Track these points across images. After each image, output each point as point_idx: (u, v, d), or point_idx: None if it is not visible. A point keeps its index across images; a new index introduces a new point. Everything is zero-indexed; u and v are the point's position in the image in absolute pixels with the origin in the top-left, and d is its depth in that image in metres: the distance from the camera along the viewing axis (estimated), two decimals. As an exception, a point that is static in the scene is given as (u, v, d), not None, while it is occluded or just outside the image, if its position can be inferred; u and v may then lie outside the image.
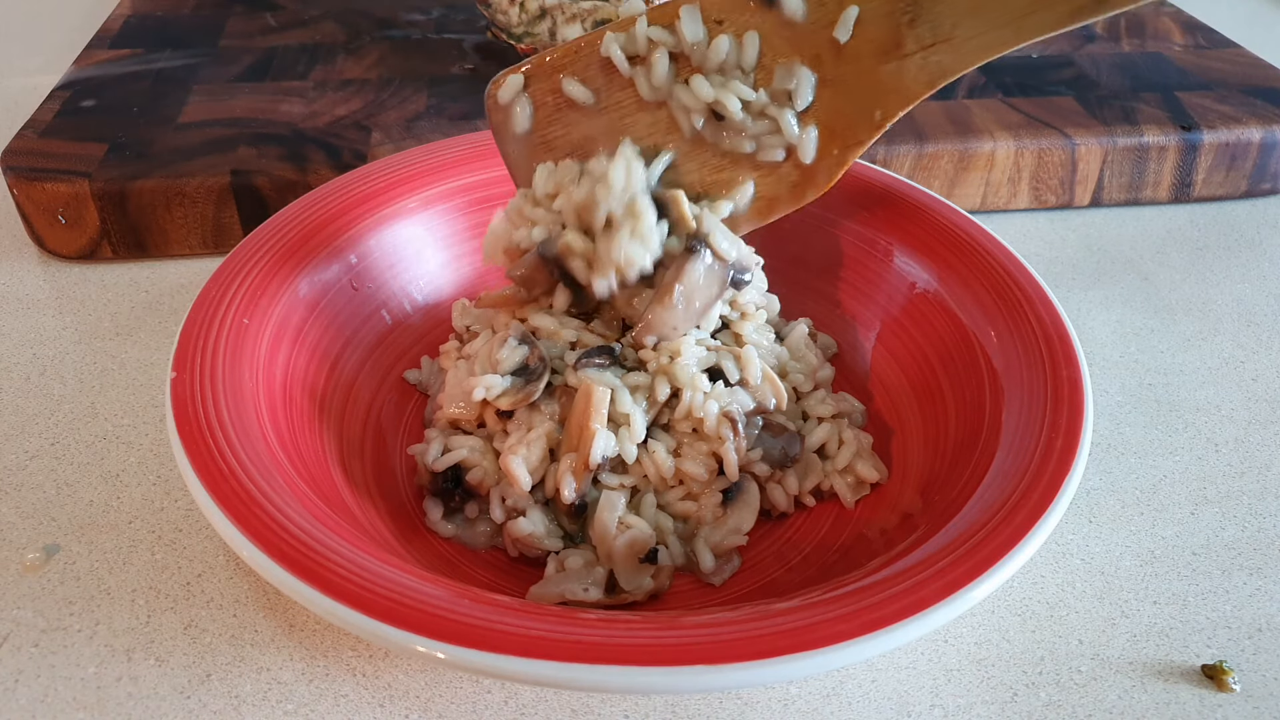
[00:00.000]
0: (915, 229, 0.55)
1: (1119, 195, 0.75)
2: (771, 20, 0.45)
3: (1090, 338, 0.62)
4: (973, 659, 0.43)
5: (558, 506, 0.46)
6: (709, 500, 0.46)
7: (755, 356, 0.47)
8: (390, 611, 0.33)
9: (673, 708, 0.41)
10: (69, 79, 0.76)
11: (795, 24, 0.44)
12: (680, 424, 0.46)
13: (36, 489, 0.50)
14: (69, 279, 0.65)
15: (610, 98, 0.47)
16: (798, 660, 0.32)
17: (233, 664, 0.42)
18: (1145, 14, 0.93)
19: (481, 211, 0.59)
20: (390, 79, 0.78)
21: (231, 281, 0.48)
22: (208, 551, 0.47)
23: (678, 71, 0.46)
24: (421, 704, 0.41)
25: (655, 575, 0.43)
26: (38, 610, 0.44)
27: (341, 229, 0.53)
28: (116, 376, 0.57)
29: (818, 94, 0.45)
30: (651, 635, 0.33)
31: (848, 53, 0.44)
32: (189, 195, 0.65)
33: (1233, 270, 0.69)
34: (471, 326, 0.52)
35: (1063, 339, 0.46)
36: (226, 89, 0.76)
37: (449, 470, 0.47)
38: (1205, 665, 0.43)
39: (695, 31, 0.45)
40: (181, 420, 0.40)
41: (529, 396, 0.46)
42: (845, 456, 0.48)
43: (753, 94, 0.45)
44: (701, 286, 0.46)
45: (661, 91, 0.46)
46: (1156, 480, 0.52)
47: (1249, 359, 0.61)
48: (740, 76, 0.46)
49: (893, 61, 0.43)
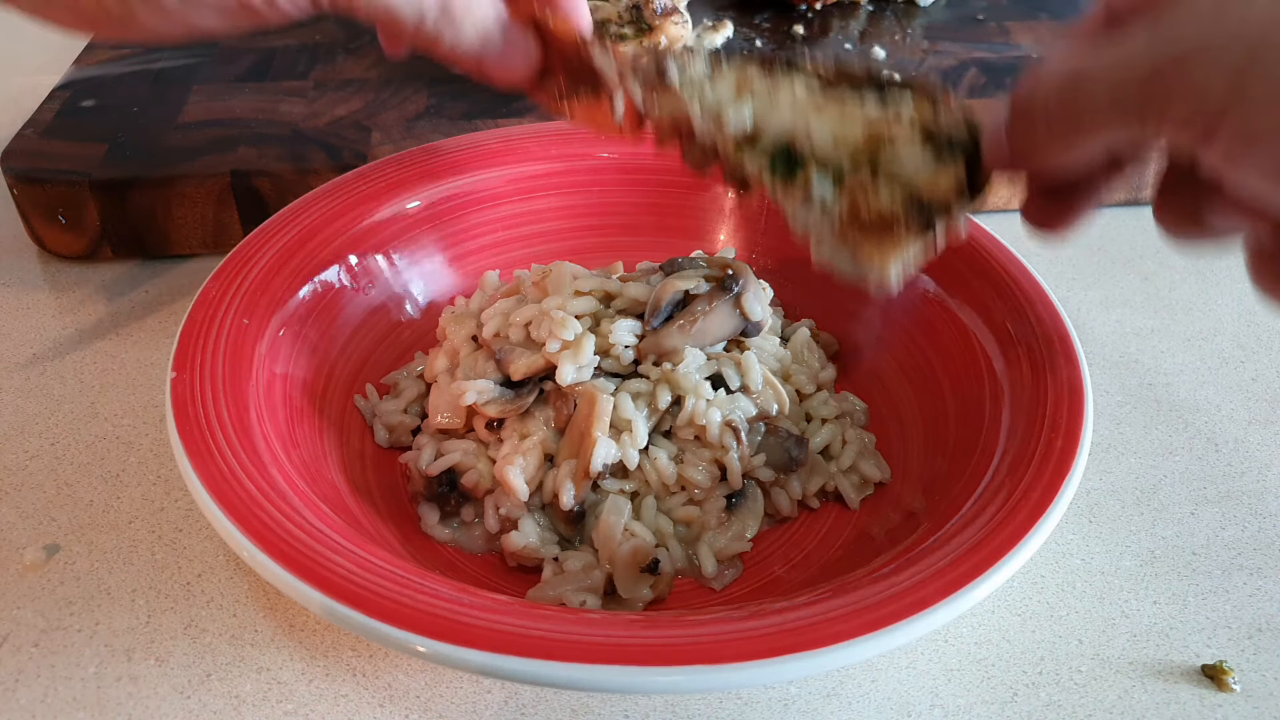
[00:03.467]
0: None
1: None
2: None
3: (1090, 338, 0.62)
4: (973, 659, 0.43)
5: (555, 512, 0.46)
6: (713, 506, 0.46)
7: (756, 363, 0.47)
8: (390, 611, 0.33)
9: (673, 708, 0.41)
10: (69, 79, 0.76)
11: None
12: (682, 430, 0.46)
13: (36, 489, 0.50)
14: (69, 279, 0.65)
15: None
16: (798, 660, 0.32)
17: (233, 664, 0.42)
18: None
19: (481, 211, 0.59)
20: (390, 79, 0.78)
21: (231, 281, 0.48)
22: (208, 551, 0.47)
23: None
24: (421, 704, 0.41)
25: (654, 585, 0.43)
26: (38, 610, 0.44)
27: (341, 229, 0.53)
28: (116, 376, 0.57)
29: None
30: (651, 635, 0.33)
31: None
32: (189, 195, 0.65)
33: (1233, 270, 0.69)
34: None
35: (1063, 339, 0.46)
36: (226, 89, 0.76)
37: (443, 474, 0.46)
38: (1205, 665, 0.43)
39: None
40: (181, 420, 0.40)
41: (520, 408, 0.46)
42: (849, 456, 0.48)
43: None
44: (717, 326, 0.47)
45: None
46: (1156, 480, 0.52)
47: (1249, 359, 0.61)
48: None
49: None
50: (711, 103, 0.46)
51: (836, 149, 0.43)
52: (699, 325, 0.47)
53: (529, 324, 0.47)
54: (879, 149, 0.42)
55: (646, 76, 0.47)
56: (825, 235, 0.42)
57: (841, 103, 0.44)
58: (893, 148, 0.42)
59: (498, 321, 0.48)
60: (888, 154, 0.42)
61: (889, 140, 0.42)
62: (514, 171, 0.60)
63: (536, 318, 0.47)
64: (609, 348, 0.46)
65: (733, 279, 0.48)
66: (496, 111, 0.73)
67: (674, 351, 0.46)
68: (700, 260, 0.49)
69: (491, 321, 0.48)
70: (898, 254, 0.41)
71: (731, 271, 0.48)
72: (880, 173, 0.42)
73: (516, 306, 0.48)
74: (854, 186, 0.42)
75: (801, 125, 0.44)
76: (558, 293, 0.47)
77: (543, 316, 0.46)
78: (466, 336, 0.50)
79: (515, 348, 0.47)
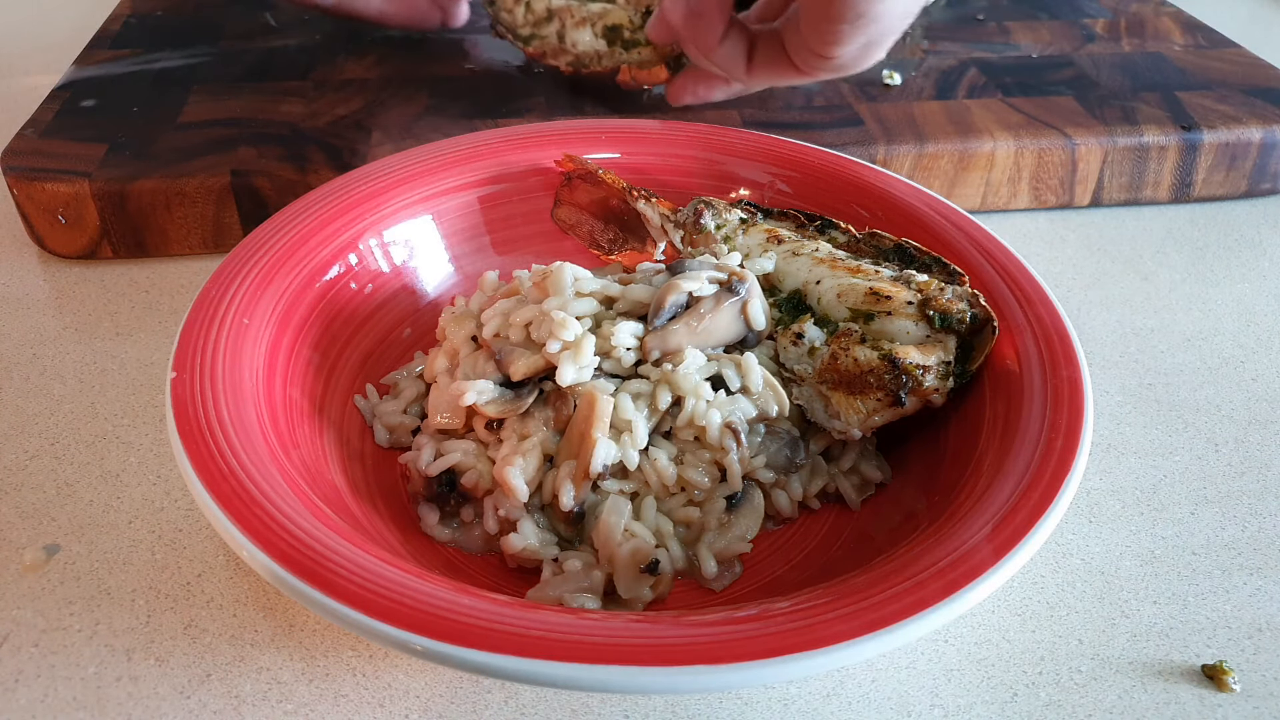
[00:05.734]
0: (915, 229, 0.55)
1: (1119, 195, 0.75)
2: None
3: (1090, 338, 0.62)
4: (973, 659, 0.43)
5: (555, 513, 0.46)
6: (713, 507, 0.46)
7: (756, 364, 0.47)
8: (390, 611, 0.33)
9: (673, 708, 0.41)
10: (69, 79, 0.76)
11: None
12: (682, 431, 0.46)
13: (36, 489, 0.50)
14: (69, 279, 0.65)
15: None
16: (798, 660, 0.32)
17: (233, 664, 0.42)
18: (1145, 14, 0.93)
19: (481, 211, 0.59)
20: (390, 79, 0.78)
21: (231, 281, 0.48)
22: (208, 551, 0.47)
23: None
24: (421, 704, 0.41)
25: (654, 585, 0.43)
26: (38, 610, 0.44)
27: (341, 229, 0.53)
28: (116, 376, 0.57)
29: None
30: (651, 635, 0.33)
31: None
32: (189, 195, 0.65)
33: (1233, 270, 0.69)
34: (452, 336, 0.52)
35: (1063, 339, 0.46)
36: (226, 89, 0.76)
37: (443, 475, 0.46)
38: (1205, 665, 0.43)
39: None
40: (181, 420, 0.40)
41: (519, 408, 0.46)
42: (850, 457, 0.48)
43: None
44: (722, 328, 0.47)
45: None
46: (1156, 480, 0.52)
47: (1249, 359, 0.61)
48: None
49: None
50: (742, 247, 0.54)
51: (839, 304, 0.48)
52: (704, 324, 0.47)
53: (529, 324, 0.47)
54: (875, 313, 0.47)
55: (685, 224, 0.55)
56: (807, 378, 0.47)
57: (857, 267, 0.50)
58: (888, 318, 0.47)
59: (498, 322, 0.48)
60: (881, 321, 0.47)
61: (885, 311, 0.47)
62: (513, 171, 0.60)
63: (537, 318, 0.47)
64: (610, 349, 0.46)
65: (739, 283, 0.48)
66: (496, 111, 0.73)
67: (676, 350, 0.46)
68: (706, 263, 0.49)
69: (491, 322, 0.48)
70: (865, 410, 0.46)
71: (738, 277, 0.48)
72: (869, 335, 0.47)
73: (516, 307, 0.48)
74: (841, 340, 0.47)
75: (813, 279, 0.50)
76: (558, 293, 0.47)
77: (543, 317, 0.46)
78: (466, 336, 0.50)
79: (515, 348, 0.47)
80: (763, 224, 0.55)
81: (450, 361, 0.50)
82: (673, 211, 0.56)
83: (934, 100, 0.76)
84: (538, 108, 0.74)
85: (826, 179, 0.59)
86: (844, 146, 0.68)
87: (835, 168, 0.59)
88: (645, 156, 0.61)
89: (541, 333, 0.46)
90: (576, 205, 0.61)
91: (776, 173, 0.60)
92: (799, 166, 0.60)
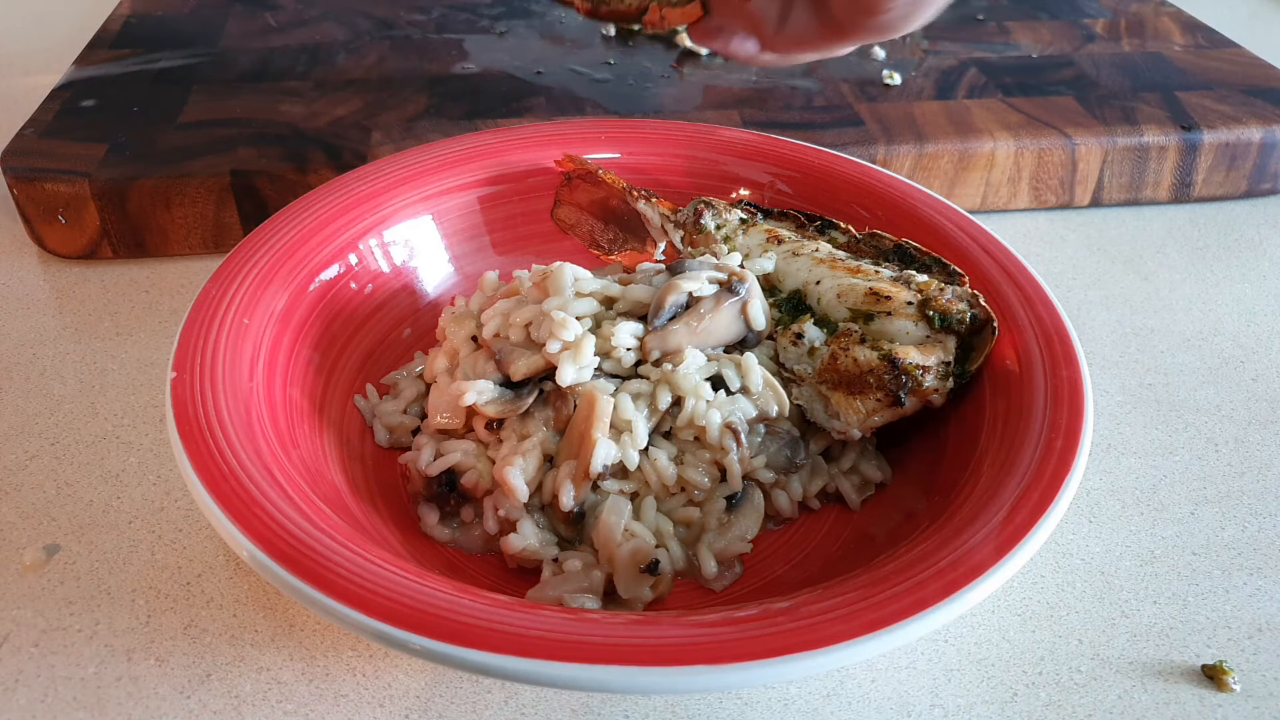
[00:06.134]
0: (915, 229, 0.55)
1: (1119, 195, 0.75)
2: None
3: (1090, 338, 0.62)
4: (973, 659, 0.43)
5: (555, 513, 0.46)
6: (713, 507, 0.46)
7: (756, 364, 0.47)
8: (390, 611, 0.33)
9: (673, 708, 0.41)
10: (69, 79, 0.76)
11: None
12: (682, 431, 0.46)
13: (36, 489, 0.50)
14: (69, 279, 0.65)
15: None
16: (798, 660, 0.32)
17: (233, 664, 0.42)
18: (1145, 14, 0.93)
19: (481, 211, 0.59)
20: (390, 79, 0.78)
21: (231, 281, 0.48)
22: (208, 551, 0.47)
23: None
24: (421, 704, 0.41)
25: (654, 585, 0.43)
26: (38, 610, 0.44)
27: (341, 229, 0.53)
28: (116, 376, 0.57)
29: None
30: (651, 635, 0.33)
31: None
32: (189, 195, 0.65)
33: (1233, 270, 0.69)
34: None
35: (1063, 339, 0.46)
36: (226, 89, 0.76)
37: (443, 475, 0.46)
38: (1205, 665, 0.43)
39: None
40: (181, 420, 0.40)
41: (519, 408, 0.46)
42: (850, 457, 0.48)
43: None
44: (722, 328, 0.47)
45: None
46: (1156, 480, 0.52)
47: (1249, 359, 0.61)
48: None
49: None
50: (742, 247, 0.54)
51: (839, 304, 0.48)
52: (704, 324, 0.47)
53: (529, 324, 0.47)
54: (875, 314, 0.47)
55: (685, 224, 0.55)
56: (807, 378, 0.47)
57: (857, 268, 0.50)
58: (888, 318, 0.47)
59: (498, 322, 0.48)
60: (881, 321, 0.47)
61: (885, 311, 0.47)
62: (513, 171, 0.60)
63: (537, 318, 0.47)
64: (610, 349, 0.46)
65: (739, 283, 0.48)
66: (496, 111, 0.73)
67: (676, 351, 0.46)
68: (706, 263, 0.49)
69: (491, 322, 0.48)
70: (864, 410, 0.46)
71: (738, 278, 0.48)
72: (869, 335, 0.47)
73: (516, 307, 0.48)
74: (841, 340, 0.47)
75: (813, 279, 0.50)
76: (558, 293, 0.47)
77: (543, 317, 0.46)
78: (466, 336, 0.50)
79: (515, 348, 0.47)
80: (763, 224, 0.55)
81: (450, 361, 0.50)
82: (673, 211, 0.56)
83: (934, 100, 0.76)
84: (538, 108, 0.74)
85: (826, 179, 0.59)
86: (844, 146, 0.68)
87: (835, 168, 0.60)
88: (645, 156, 0.62)
89: (541, 333, 0.46)
90: (576, 205, 0.61)
91: (776, 173, 0.60)
92: (799, 166, 0.60)
